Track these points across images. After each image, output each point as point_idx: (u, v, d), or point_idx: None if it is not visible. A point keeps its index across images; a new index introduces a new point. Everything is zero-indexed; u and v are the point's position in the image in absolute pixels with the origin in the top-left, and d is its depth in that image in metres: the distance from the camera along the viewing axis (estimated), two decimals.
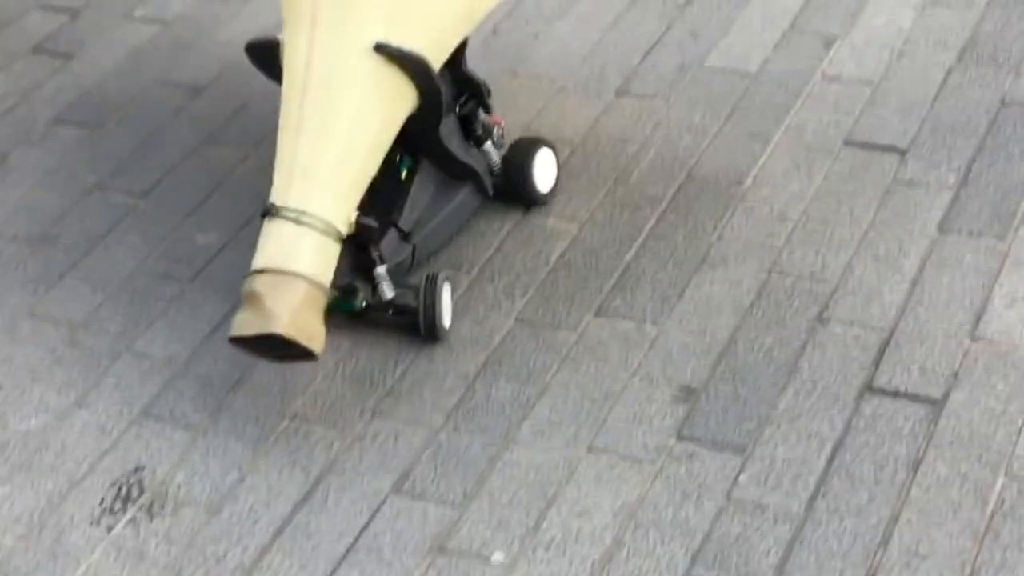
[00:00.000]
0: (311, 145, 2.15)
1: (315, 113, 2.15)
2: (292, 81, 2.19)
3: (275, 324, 2.06)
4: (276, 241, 2.13)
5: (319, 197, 2.14)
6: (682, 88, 2.65)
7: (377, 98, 2.18)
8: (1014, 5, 2.75)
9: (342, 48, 2.16)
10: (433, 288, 2.24)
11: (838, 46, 2.69)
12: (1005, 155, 2.40)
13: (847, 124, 2.51)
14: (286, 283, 2.08)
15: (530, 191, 2.47)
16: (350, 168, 2.18)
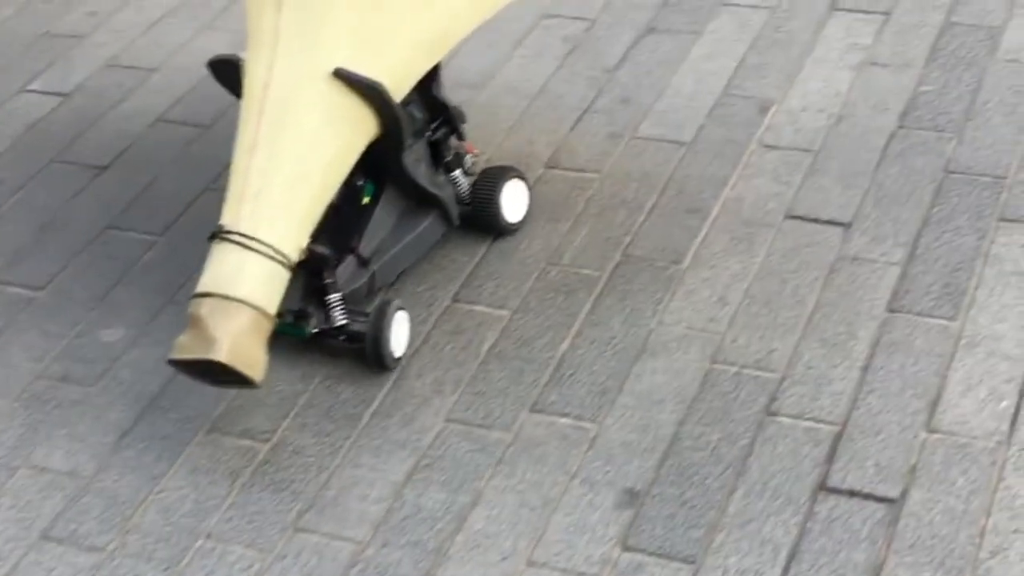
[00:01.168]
0: (264, 168, 2.11)
1: (270, 136, 2.12)
2: (250, 102, 2.16)
3: (214, 351, 2.03)
4: (222, 265, 2.10)
5: (269, 222, 2.10)
6: (615, 159, 2.53)
7: (335, 124, 2.15)
8: (952, 65, 2.65)
9: (301, 72, 2.13)
10: (381, 317, 2.19)
11: (774, 111, 2.58)
12: (952, 227, 2.30)
13: (787, 196, 2.40)
14: (229, 309, 2.06)
15: (498, 221, 2.43)
16: (303, 194, 2.14)
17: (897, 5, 2.81)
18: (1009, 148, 2.44)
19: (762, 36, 2.77)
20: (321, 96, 2.13)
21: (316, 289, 2.21)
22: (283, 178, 2.12)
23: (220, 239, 2.11)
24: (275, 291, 2.10)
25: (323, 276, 2.20)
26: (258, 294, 2.08)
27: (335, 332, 2.23)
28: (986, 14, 2.76)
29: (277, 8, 2.15)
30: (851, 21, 2.77)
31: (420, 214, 2.36)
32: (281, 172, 2.12)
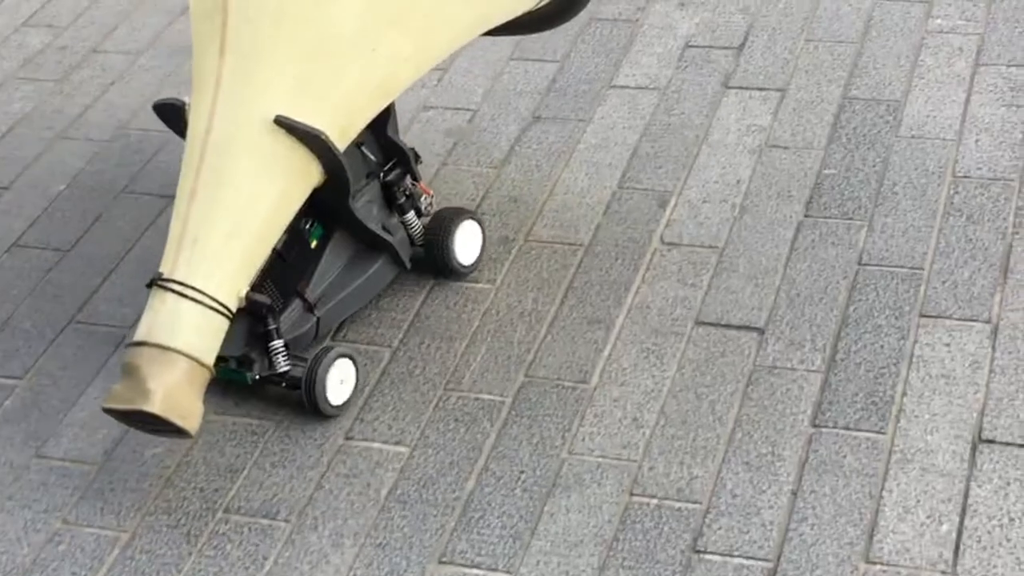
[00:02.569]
0: (202, 216, 2.07)
1: (209, 183, 2.08)
2: (192, 148, 2.11)
3: (148, 402, 2.00)
4: (158, 314, 2.06)
5: (206, 270, 2.07)
6: (509, 266, 2.36)
7: (276, 172, 2.11)
8: (855, 144, 2.53)
9: (242, 118, 2.10)
10: (318, 365, 2.15)
11: (674, 205, 2.44)
12: (871, 327, 2.17)
13: (695, 300, 2.26)
14: (164, 359, 2.02)
15: (451, 263, 2.38)
16: (242, 241, 2.10)
17: (792, 81, 2.70)
18: (922, 235, 2.33)
19: (654, 121, 2.63)
20: (261, 143, 2.09)
21: (259, 335, 2.17)
22: (221, 226, 2.08)
23: (157, 287, 2.07)
24: (212, 340, 2.07)
25: (266, 322, 2.16)
26: (195, 344, 2.04)
27: (277, 378, 2.19)
28: (884, 87, 2.66)
29: (219, 53, 2.10)
30: (746, 100, 2.66)
31: (370, 257, 2.31)
32: (219, 220, 2.08)
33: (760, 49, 2.79)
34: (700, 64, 2.77)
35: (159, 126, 2.71)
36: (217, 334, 2.07)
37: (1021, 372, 2.09)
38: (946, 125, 2.55)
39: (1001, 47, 2.74)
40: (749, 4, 2.93)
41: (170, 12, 3.14)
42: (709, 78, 2.73)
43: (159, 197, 2.60)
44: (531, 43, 2.88)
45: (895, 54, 2.74)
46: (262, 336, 2.17)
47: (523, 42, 2.89)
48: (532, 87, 2.76)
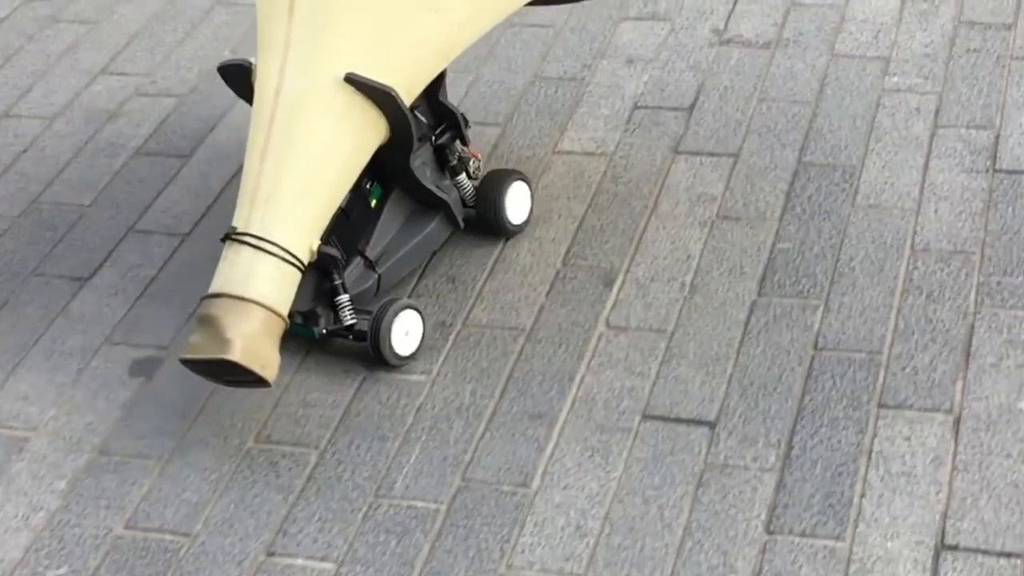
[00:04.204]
0: (276, 172, 2.14)
1: (281, 141, 2.15)
2: (261, 107, 2.18)
3: (228, 350, 2.04)
4: (234, 266, 2.12)
5: (281, 225, 2.13)
6: (446, 354, 2.21)
7: (345, 128, 2.18)
8: (810, 215, 2.40)
9: (313, 77, 2.16)
10: (383, 316, 2.19)
11: (621, 284, 2.30)
12: (828, 420, 2.04)
13: (643, 391, 2.12)
14: (242, 309, 2.07)
15: (503, 222, 2.43)
16: (314, 197, 2.17)
17: (744, 145, 2.57)
18: (880, 316, 2.20)
19: (601, 190, 2.50)
20: (332, 101, 2.16)
21: (325, 290, 2.23)
22: (294, 181, 2.14)
23: (232, 240, 2.12)
24: (287, 292, 2.13)
25: (332, 277, 2.22)
26: (270, 295, 2.10)
27: (344, 332, 2.24)
28: (840, 151, 2.53)
29: (288, 15, 2.16)
30: (696, 166, 2.52)
31: (426, 217, 2.37)
32: (292, 176, 2.14)
33: (711, 110, 2.67)
34: (648, 127, 2.64)
35: (73, 199, 2.59)
36: (291, 286, 2.14)
37: (985, 469, 1.96)
38: (904, 193, 2.44)
39: (960, 107, 2.61)
40: (700, 60, 2.80)
41: (88, 72, 2.97)
42: (658, 142, 2.60)
43: (71, 280, 2.43)
44: (471, 105, 2.73)
45: (851, 115, 2.62)
46: (328, 291, 2.24)
47: (463, 104, 2.74)
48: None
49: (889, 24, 2.86)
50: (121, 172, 2.67)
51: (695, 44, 2.87)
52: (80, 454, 2.12)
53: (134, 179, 2.66)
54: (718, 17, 2.94)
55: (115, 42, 3.07)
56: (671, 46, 2.87)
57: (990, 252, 2.32)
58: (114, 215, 2.58)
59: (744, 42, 2.86)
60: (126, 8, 3.20)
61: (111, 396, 2.21)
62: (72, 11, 3.21)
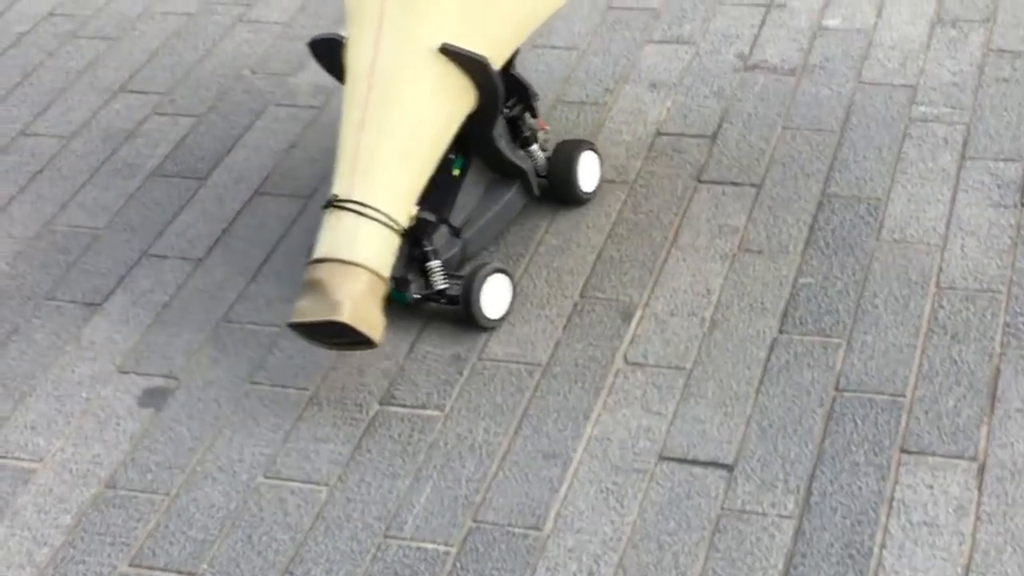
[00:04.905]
0: (375, 141, 2.22)
1: (379, 110, 2.22)
2: (356, 79, 2.26)
3: (338, 312, 2.10)
4: (338, 232, 2.18)
5: (381, 191, 2.21)
6: (460, 390, 2.18)
7: (440, 97, 2.26)
8: (834, 249, 2.35)
9: (408, 48, 2.25)
10: (474, 280, 2.27)
11: (639, 318, 2.26)
12: (849, 465, 1.99)
13: (660, 431, 2.08)
14: (348, 272, 2.15)
15: (575, 191, 2.51)
16: (411, 165, 2.24)
17: (768, 175, 2.52)
18: (904, 357, 2.15)
19: (620, 219, 2.46)
20: (427, 72, 2.24)
21: (416, 257, 2.30)
22: (392, 149, 2.22)
23: (335, 207, 2.19)
24: (388, 256, 2.20)
25: (423, 244, 2.29)
26: (374, 258, 2.17)
27: (436, 296, 2.31)
28: (865, 183, 2.48)
29: None
30: (719, 196, 2.48)
31: (504, 187, 2.46)
32: (391, 144, 2.22)
33: (735, 138, 2.63)
34: (670, 155, 2.61)
35: (87, 221, 2.57)
36: (391, 250, 2.21)
37: (1009, 520, 1.91)
38: (930, 228, 2.38)
39: (988, 139, 2.56)
40: (724, 86, 2.76)
41: (107, 90, 2.94)
42: (680, 170, 2.56)
43: (83, 305, 2.41)
44: None
45: (877, 145, 2.57)
46: (419, 257, 2.30)
47: None
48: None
49: (917, 51, 2.81)
50: (136, 194, 2.65)
51: (719, 69, 2.82)
52: (87, 487, 2.09)
53: (150, 201, 2.63)
54: (743, 42, 2.90)
55: (135, 60, 3.05)
56: (695, 71, 2.82)
57: (1017, 291, 2.26)
58: (128, 239, 2.55)
59: (769, 68, 2.81)
60: (147, 25, 3.17)
61: (119, 427, 2.18)
62: (93, 27, 3.18)
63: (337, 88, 2.89)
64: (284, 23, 3.12)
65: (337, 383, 2.22)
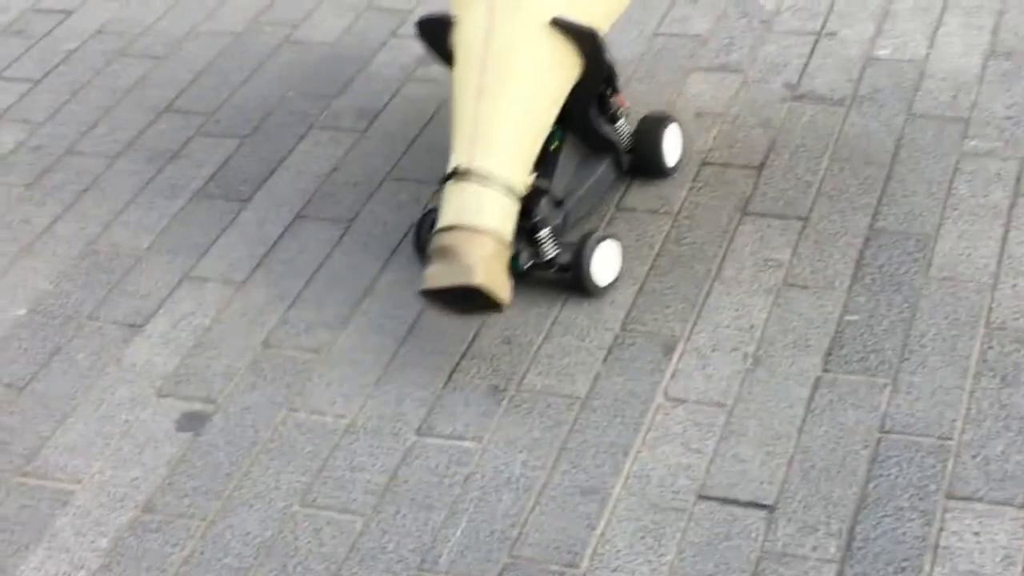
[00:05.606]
0: (493, 111, 2.31)
1: (496, 82, 2.32)
2: (469, 54, 2.35)
3: (472, 275, 2.18)
4: (463, 200, 2.26)
5: (501, 160, 2.29)
6: (497, 422, 2.15)
7: (552, 69, 2.37)
8: (880, 286, 2.32)
9: (521, 22, 2.35)
10: (584, 248, 2.35)
11: (681, 352, 2.23)
12: (893, 509, 1.95)
13: (700, 469, 2.05)
14: (476, 238, 2.22)
15: (660, 164, 2.60)
16: (526, 135, 2.34)
17: (814, 208, 2.48)
18: (951, 399, 2.11)
19: (664, 251, 2.43)
20: (540, 44, 2.36)
21: (524, 226, 2.36)
22: (510, 120, 2.32)
23: (457, 178, 2.27)
24: (509, 222, 2.29)
25: (532, 213, 2.36)
26: (498, 224, 2.26)
27: (546, 264, 2.38)
28: (914, 218, 2.44)
29: None
30: (764, 229, 2.45)
31: (596, 160, 2.54)
32: (508, 115, 2.32)
33: (781, 169, 2.59)
34: (715, 185, 2.58)
35: (130, 241, 2.57)
36: (512, 217, 2.30)
37: None
38: (981, 266, 2.34)
39: None
40: (771, 116, 2.72)
41: (153, 109, 2.95)
42: (725, 202, 2.53)
43: (124, 327, 2.40)
44: None
45: (927, 179, 2.53)
46: (528, 226, 2.36)
47: None
48: None
49: (970, 83, 2.76)
50: (179, 215, 2.65)
51: (767, 98, 2.79)
52: (124, 511, 2.09)
53: (192, 223, 2.63)
54: (792, 71, 2.86)
55: (181, 79, 3.05)
56: (742, 100, 2.79)
57: None
58: (170, 260, 2.55)
59: (817, 98, 2.77)
60: (193, 44, 3.17)
61: (158, 451, 2.18)
62: (141, 45, 3.19)
63: (381, 111, 2.87)
64: (329, 44, 3.12)
65: (374, 412, 2.21)
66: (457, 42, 2.41)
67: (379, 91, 2.95)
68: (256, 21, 3.25)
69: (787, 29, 3.00)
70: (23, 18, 3.35)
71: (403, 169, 2.72)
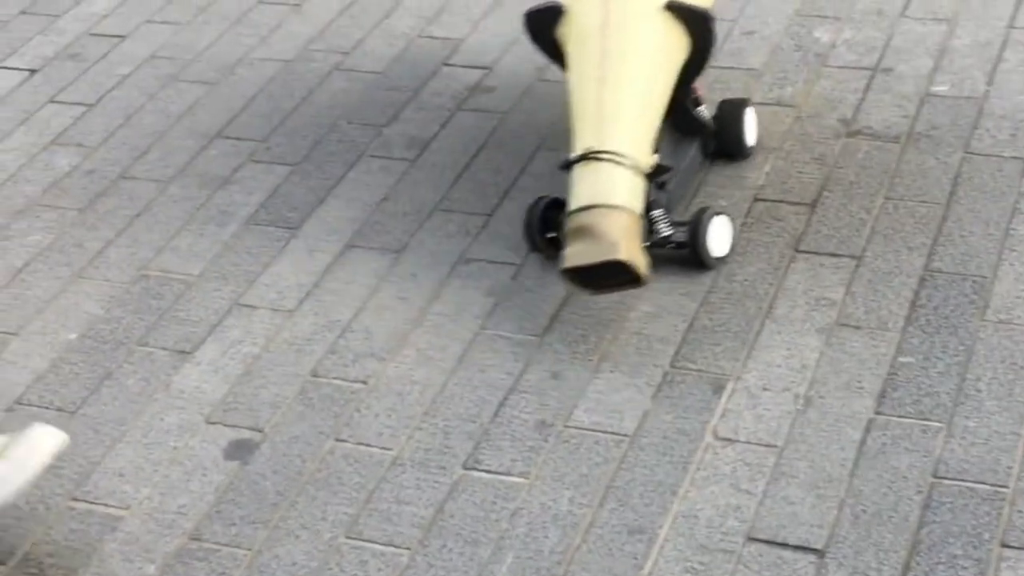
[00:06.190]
0: (616, 97, 2.40)
1: (617, 66, 2.42)
2: (587, 39, 2.45)
3: (617, 251, 2.25)
4: (597, 180, 2.34)
5: (628, 141, 2.38)
6: (545, 457, 2.14)
7: (667, 51, 2.48)
8: (935, 328, 2.29)
9: (637, 8, 2.46)
10: (699, 224, 2.43)
11: (731, 391, 2.21)
12: (946, 556, 1.92)
13: (749, 510, 2.02)
14: (614, 215, 2.30)
15: (743, 145, 2.69)
16: (648, 115, 2.44)
17: (868, 246, 2.46)
18: (1007, 445, 2.08)
19: (715, 287, 2.41)
20: (656, 27, 2.46)
21: None
22: (633, 102, 2.41)
23: (588, 160, 2.35)
24: (640, 199, 2.37)
25: (648, 194, 2.41)
26: (633, 202, 2.35)
27: (662, 241, 2.46)
28: (971, 259, 2.40)
29: None
30: (817, 267, 2.42)
31: (687, 144, 2.62)
32: (631, 97, 2.40)
33: (835, 206, 2.57)
34: (768, 222, 2.56)
35: (181, 269, 2.57)
36: (641, 195, 2.37)
37: None
38: None
39: None
40: (825, 153, 2.70)
41: (205, 135, 2.96)
42: (777, 239, 2.51)
43: (174, 353, 2.41)
44: None
45: (984, 220, 2.50)
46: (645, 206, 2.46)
47: None
48: None
49: None
50: (230, 242, 2.66)
51: (821, 134, 2.76)
52: (171, 538, 2.09)
53: (242, 250, 2.64)
54: (847, 106, 2.84)
55: (233, 105, 3.06)
56: (796, 135, 2.77)
57: None
58: (220, 287, 2.55)
59: (873, 134, 2.75)
60: (245, 71, 3.18)
61: (205, 478, 2.18)
62: (194, 71, 3.20)
63: (431, 141, 2.87)
64: (380, 72, 3.13)
65: (421, 444, 2.19)
66: (570, 32, 2.50)
67: (429, 120, 2.96)
68: (307, 48, 3.27)
69: (842, 64, 2.99)
70: (78, 42, 3.39)
71: (452, 200, 2.72)
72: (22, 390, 2.38)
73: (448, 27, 3.28)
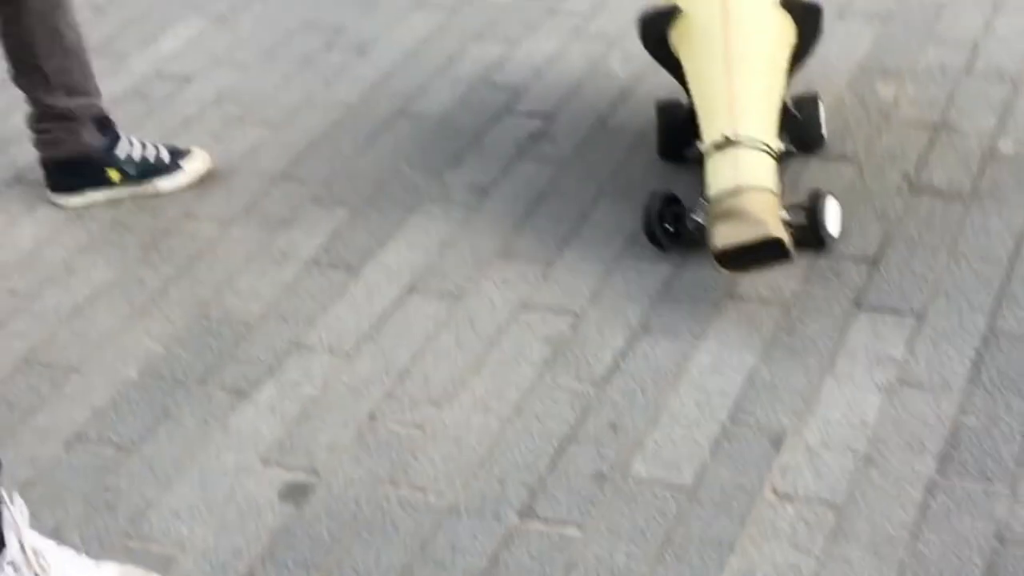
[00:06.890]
0: (745, 87, 2.57)
1: (741, 58, 2.60)
2: (710, 35, 2.62)
3: (770, 229, 2.38)
4: (737, 164, 2.48)
5: (761, 125, 2.56)
6: (601, 508, 2.13)
7: (779, 43, 2.68)
8: (999, 388, 2.27)
9: (755, 5, 2.66)
10: (816, 204, 2.55)
11: (789, 446, 2.20)
12: None
13: (807, 569, 1.98)
14: (759, 195, 2.44)
15: (819, 136, 2.81)
16: (772, 103, 2.63)
17: (931, 304, 2.44)
18: None
19: (775, 341, 2.40)
20: (772, 21, 2.67)
21: None
22: (760, 91, 2.59)
23: (726, 147, 2.48)
24: (775, 181, 2.51)
25: None
26: (773, 182, 2.49)
27: (785, 225, 2.51)
28: None
29: None
30: (878, 324, 2.41)
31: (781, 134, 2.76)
32: (758, 86, 2.60)
33: (897, 263, 2.55)
34: (829, 277, 2.54)
35: (241, 308, 2.58)
36: (775, 177, 2.50)
37: None
38: None
39: None
40: (887, 209, 2.69)
41: (268, 176, 2.97)
42: (838, 294, 2.49)
43: (232, 393, 2.42)
44: (645, 243, 2.64)
45: None
46: None
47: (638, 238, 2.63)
48: (643, 291, 2.54)
49: None
50: (290, 283, 2.67)
51: (883, 190, 2.76)
52: None
53: (302, 291, 2.65)
54: (909, 162, 2.83)
55: (296, 148, 3.09)
56: (858, 190, 2.76)
57: None
58: (279, 328, 2.56)
59: (936, 191, 2.74)
60: (308, 114, 3.20)
61: (260, 520, 2.18)
62: (259, 114, 3.22)
63: (492, 187, 2.87)
64: (442, 117, 3.15)
65: (477, 492, 2.19)
66: (686, 32, 2.67)
67: (491, 166, 2.97)
68: (371, 92, 3.30)
69: (905, 120, 2.98)
70: (145, 82, 3.44)
71: (512, 247, 2.72)
72: (80, 426, 2.40)
73: (511, 74, 3.31)
